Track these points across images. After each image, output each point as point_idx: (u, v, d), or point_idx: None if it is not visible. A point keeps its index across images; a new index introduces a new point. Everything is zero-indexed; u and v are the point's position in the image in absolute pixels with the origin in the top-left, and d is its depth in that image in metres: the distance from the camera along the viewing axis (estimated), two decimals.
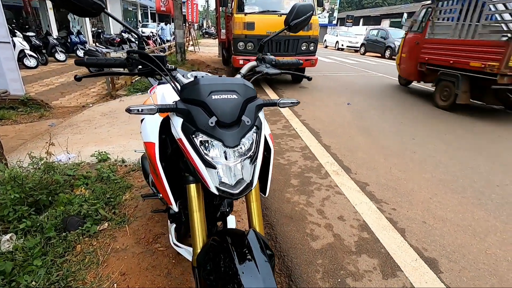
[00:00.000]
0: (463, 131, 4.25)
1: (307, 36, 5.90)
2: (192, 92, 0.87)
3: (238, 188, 0.86)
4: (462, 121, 4.72)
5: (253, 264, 0.82)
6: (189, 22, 15.42)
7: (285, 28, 1.18)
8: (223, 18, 8.18)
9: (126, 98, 5.87)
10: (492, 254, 1.83)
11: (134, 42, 11.09)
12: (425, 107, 5.64)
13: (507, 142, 3.86)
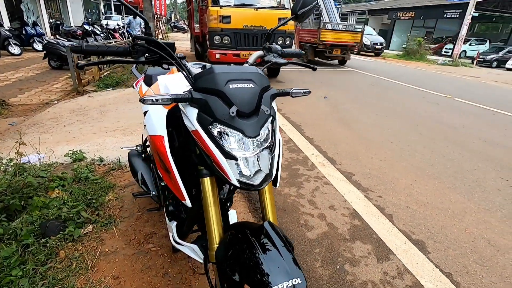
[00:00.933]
0: (433, 123, 4.54)
1: (283, 31, 5.93)
2: (208, 81, 0.83)
3: (258, 179, 0.84)
4: (428, 114, 5.04)
5: (277, 253, 0.81)
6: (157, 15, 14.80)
7: (292, 17, 1.16)
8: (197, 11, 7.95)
9: (95, 94, 5.52)
10: (470, 233, 1.98)
11: (100, 34, 10.43)
12: (395, 99, 5.95)
13: (471, 130, 4.20)
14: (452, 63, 15.15)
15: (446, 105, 5.79)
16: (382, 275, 1.60)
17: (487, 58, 18.03)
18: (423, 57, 16.79)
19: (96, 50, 0.90)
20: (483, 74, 12.42)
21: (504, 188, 2.62)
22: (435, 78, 10.02)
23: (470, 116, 5.03)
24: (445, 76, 10.82)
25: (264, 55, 1.15)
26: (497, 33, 26.45)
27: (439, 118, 4.78)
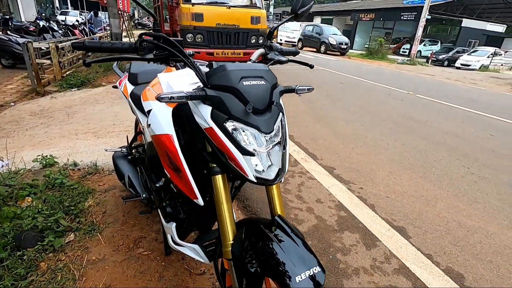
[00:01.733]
0: (400, 117, 4.85)
1: (256, 30, 5.97)
2: (222, 79, 0.82)
3: (272, 174, 0.85)
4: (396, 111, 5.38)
5: (293, 244, 0.83)
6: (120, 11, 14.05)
7: (292, 16, 1.18)
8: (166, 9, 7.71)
9: (58, 95, 5.14)
10: (443, 218, 2.17)
11: (58, 30, 9.69)
12: (364, 96, 6.26)
13: (433, 124, 4.55)
14: (410, 62, 16.26)
15: (410, 101, 6.22)
16: (372, 261, 1.70)
17: (440, 58, 19.64)
18: (384, 57, 17.82)
19: (99, 46, 0.85)
20: (438, 72, 13.50)
21: (467, 175, 2.89)
22: (397, 76, 10.70)
23: (431, 111, 5.45)
24: (405, 74, 11.59)
25: (266, 53, 1.16)
26: (446, 34, 28.86)
27: (405, 113, 5.13)
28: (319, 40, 17.86)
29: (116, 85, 1.96)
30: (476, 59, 17.95)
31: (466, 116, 5.30)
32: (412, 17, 21.94)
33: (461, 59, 18.30)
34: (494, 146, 3.79)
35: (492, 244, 1.92)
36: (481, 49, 19.52)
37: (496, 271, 1.70)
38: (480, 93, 8.52)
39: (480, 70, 17.30)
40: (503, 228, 2.10)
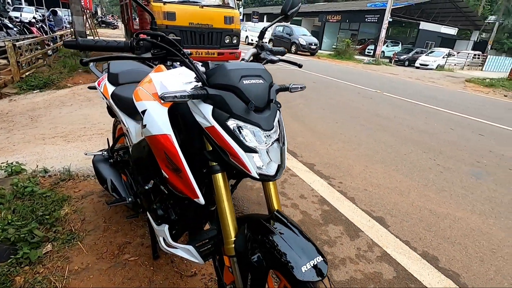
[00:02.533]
0: (371, 115, 5.11)
1: (230, 29, 5.95)
2: (223, 78, 0.83)
3: (273, 170, 0.88)
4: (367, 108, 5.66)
5: (295, 236, 0.87)
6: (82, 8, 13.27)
7: (282, 17, 1.21)
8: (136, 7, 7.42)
9: (18, 97, 4.77)
10: (416, 206, 2.33)
11: (13, 28, 8.94)
12: (336, 95, 6.51)
13: (400, 120, 4.85)
14: (375, 62, 17.12)
15: (378, 99, 6.57)
16: (356, 250, 1.79)
17: (401, 58, 20.90)
18: (351, 57, 18.59)
19: (93, 45, 0.82)
20: (400, 72, 14.36)
21: (434, 166, 3.12)
22: (365, 75, 11.22)
23: (397, 108, 5.80)
24: (372, 73, 12.19)
25: (258, 52, 1.18)
26: (406, 36, 30.79)
27: (374, 110, 5.41)
28: (290, 41, 18.20)
29: (93, 85, 1.87)
30: (433, 60, 19.34)
31: (429, 112, 5.71)
32: (375, 20, 23.12)
33: (420, 60, 19.62)
34: (454, 139, 4.13)
35: (460, 228, 2.10)
36: (437, 50, 21.07)
37: (464, 252, 1.87)
38: (438, 91, 9.20)
39: (437, 69, 18.65)
40: (468, 213, 2.30)
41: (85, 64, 0.82)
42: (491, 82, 11.36)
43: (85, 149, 2.86)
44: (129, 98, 1.47)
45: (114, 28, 29.18)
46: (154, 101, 0.97)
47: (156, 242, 1.62)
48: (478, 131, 4.65)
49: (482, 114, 6.04)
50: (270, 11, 36.89)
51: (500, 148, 3.93)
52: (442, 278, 1.64)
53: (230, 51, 6.06)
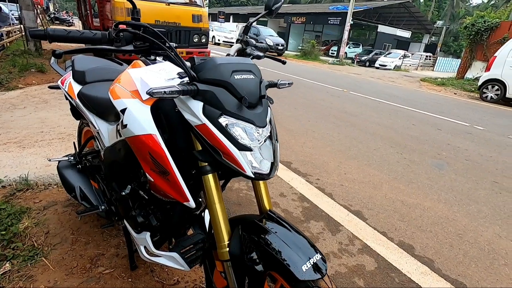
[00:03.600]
0: (340, 112, 5.29)
1: (198, 28, 5.82)
2: (213, 72, 0.78)
3: (267, 169, 0.85)
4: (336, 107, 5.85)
5: (292, 235, 0.85)
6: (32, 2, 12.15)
7: (266, 12, 1.18)
8: (95, 2, 6.96)
9: None
10: (389, 198, 2.44)
11: None
12: (306, 94, 6.65)
13: (367, 117, 5.08)
14: (340, 63, 17.85)
15: (345, 97, 6.83)
16: (339, 245, 1.82)
17: (362, 59, 22.03)
18: (317, 58, 19.19)
19: (66, 35, 0.73)
20: (363, 72, 15.10)
21: (401, 160, 3.30)
22: (331, 75, 11.63)
23: (363, 106, 6.07)
24: (337, 73, 12.68)
25: (244, 48, 1.14)
26: (365, 38, 32.54)
27: (343, 108, 5.61)
28: (257, 41, 18.26)
29: (54, 85, 1.70)
30: (390, 60, 20.63)
31: (392, 110, 6.06)
32: (337, 22, 24.11)
33: (379, 60, 20.82)
34: (416, 134, 4.42)
35: (429, 217, 2.24)
36: (394, 52, 22.52)
37: (436, 239, 1.99)
38: (398, 89, 9.82)
39: (394, 69, 19.92)
40: (434, 202, 2.46)
41: (58, 56, 0.72)
42: (442, 81, 12.38)
43: (44, 155, 2.60)
44: (100, 97, 1.36)
45: (69, 25, 27.18)
46: (134, 99, 0.89)
47: (134, 251, 1.51)
48: (436, 126, 5.02)
49: (438, 110, 6.54)
50: (236, 11, 36.87)
51: (455, 141, 4.28)
52: (419, 265, 1.73)
53: (199, 50, 5.92)
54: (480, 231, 2.13)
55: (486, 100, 8.92)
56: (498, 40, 11.80)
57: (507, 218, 2.34)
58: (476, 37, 12.56)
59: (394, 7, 26.78)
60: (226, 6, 45.11)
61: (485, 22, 12.30)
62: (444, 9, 38.85)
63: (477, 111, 7.20)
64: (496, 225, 2.23)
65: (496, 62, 8.56)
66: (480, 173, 3.17)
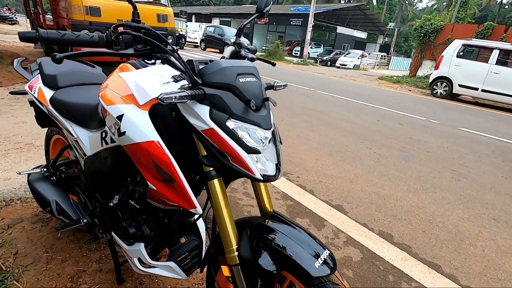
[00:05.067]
0: (311, 111, 5.45)
1: (164, 28, 5.63)
2: (219, 76, 0.77)
3: (272, 171, 0.85)
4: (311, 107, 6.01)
5: (300, 234, 0.86)
6: None
7: (257, 15, 1.18)
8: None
9: None
10: (365, 191, 2.57)
11: None
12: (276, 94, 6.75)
13: (337, 115, 5.30)
14: (304, 63, 18.37)
15: (314, 96, 7.06)
16: (325, 239, 1.88)
17: (324, 59, 22.90)
18: (281, 58, 19.57)
19: (60, 38, 0.68)
20: (326, 71, 15.71)
21: (371, 154, 3.50)
22: (297, 75, 11.93)
23: (332, 104, 6.33)
24: (302, 73, 13.04)
25: (237, 50, 1.13)
26: (325, 39, 33.90)
27: (313, 107, 5.80)
28: (222, 41, 18.20)
29: (19, 90, 1.54)
30: (350, 60, 21.71)
31: (358, 107, 6.39)
32: (299, 23, 24.81)
33: (339, 60, 21.80)
34: (382, 129, 4.71)
35: (402, 206, 2.40)
36: (353, 52, 23.73)
37: (410, 226, 2.14)
38: (360, 87, 10.37)
39: (354, 69, 21.00)
40: (405, 192, 2.65)
41: (59, 60, 0.66)
42: (398, 79, 13.32)
43: (1, 168, 2.35)
44: (77, 103, 1.27)
45: (12, 23, 24.75)
46: (130, 105, 0.84)
47: (120, 264, 1.43)
48: (398, 121, 5.40)
49: (397, 106, 7.02)
50: (198, 11, 36.23)
51: (416, 134, 4.63)
52: (399, 251, 1.85)
53: None
54: (447, 216, 2.33)
55: (436, 96, 9.77)
56: (443, 41, 13.02)
57: (467, 202, 2.60)
58: (424, 38, 13.71)
59: (351, 10, 28.25)
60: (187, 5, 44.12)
61: (431, 25, 13.48)
62: (395, 12, 41.83)
63: (430, 106, 7.87)
64: (459, 209, 2.46)
65: (443, 61, 9.41)
66: (440, 163, 3.47)
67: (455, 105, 8.69)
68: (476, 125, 5.88)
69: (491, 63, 8.53)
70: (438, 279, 1.66)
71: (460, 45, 9.14)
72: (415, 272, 1.69)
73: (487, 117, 7.16)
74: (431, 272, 1.71)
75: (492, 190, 2.89)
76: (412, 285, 1.60)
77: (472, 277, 1.71)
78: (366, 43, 33.60)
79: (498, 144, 4.63)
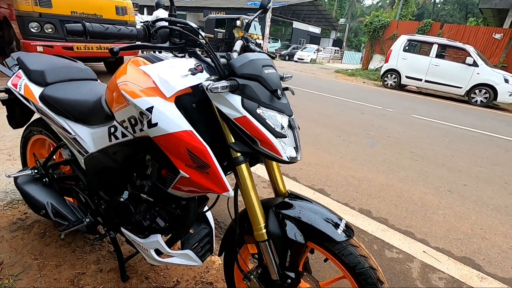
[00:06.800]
0: None
1: (124, 21, 5.33)
2: (248, 68, 0.84)
3: (294, 153, 0.94)
4: None
5: (318, 208, 0.97)
6: None
7: (261, 11, 1.23)
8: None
9: None
10: (342, 175, 2.79)
11: None
12: None
13: (305, 107, 5.54)
14: None
15: None
16: None
17: (282, 53, 23.45)
18: None
19: (104, 32, 0.68)
20: (286, 65, 16.13)
21: (342, 142, 3.77)
22: None
23: (298, 97, 6.56)
24: None
25: (246, 44, 1.18)
26: (282, 34, 34.62)
27: None
28: None
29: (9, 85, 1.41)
30: (307, 54, 22.52)
31: (322, 98, 6.73)
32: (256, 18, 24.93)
33: (297, 54, 22.51)
34: (348, 118, 5.06)
35: (375, 186, 2.66)
36: (309, 46, 24.64)
37: (384, 202, 2.39)
38: (321, 80, 10.87)
39: (311, 63, 21.84)
40: (375, 173, 2.93)
41: (115, 53, 0.67)
42: (353, 72, 14.20)
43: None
44: (74, 99, 1.23)
45: None
46: (156, 97, 0.87)
47: (124, 262, 1.42)
48: (360, 111, 5.82)
49: (356, 97, 7.54)
50: (150, 3, 34.43)
51: (377, 122, 5.06)
52: (378, 224, 2.07)
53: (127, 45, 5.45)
54: (412, 191, 2.64)
55: (387, 87, 10.65)
56: (390, 36, 14.15)
57: (426, 179, 2.95)
58: (374, 33, 14.77)
59: (305, 5, 29.13)
60: None
61: (379, 21, 14.55)
62: (346, 9, 44.15)
63: (383, 96, 8.57)
64: (421, 185, 2.79)
65: (392, 55, 10.27)
66: (400, 146, 3.86)
67: (404, 94, 9.56)
68: (424, 112, 6.58)
69: (431, 56, 9.52)
70: (413, 244, 1.91)
71: (405, 40, 10.04)
72: (394, 240, 1.91)
73: (431, 104, 8.02)
74: (407, 239, 1.95)
75: (444, 167, 3.32)
76: (393, 251, 1.82)
77: (439, 239, 1.99)
78: (320, 38, 35.05)
79: (443, 128, 5.25)
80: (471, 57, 8.67)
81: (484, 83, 8.55)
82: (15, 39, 4.78)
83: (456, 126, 5.46)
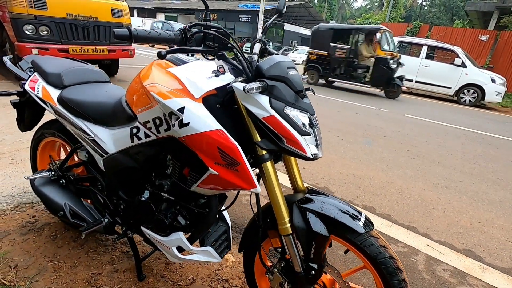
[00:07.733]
0: None
1: (120, 24, 5.31)
2: (276, 70, 0.88)
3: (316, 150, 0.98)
4: None
5: (339, 203, 1.02)
6: None
7: (277, 15, 1.27)
8: None
9: None
10: (343, 174, 2.86)
11: None
12: None
13: None
14: None
15: None
16: None
17: None
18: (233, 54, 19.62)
19: (147, 36, 0.73)
20: None
21: (340, 141, 3.84)
22: None
23: None
24: None
25: (264, 47, 1.22)
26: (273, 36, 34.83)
27: None
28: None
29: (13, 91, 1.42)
30: (299, 56, 22.70)
31: (317, 99, 6.81)
32: (248, 19, 25.10)
33: (289, 56, 22.68)
34: (343, 118, 5.15)
35: (375, 183, 2.74)
36: (300, 48, 24.85)
37: (386, 199, 2.46)
38: None
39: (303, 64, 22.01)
40: (375, 171, 3.00)
41: (163, 56, 0.71)
42: None
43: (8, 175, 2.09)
44: (93, 101, 1.25)
45: None
46: (186, 98, 0.91)
47: (140, 261, 1.44)
48: (355, 111, 5.93)
49: (350, 98, 7.67)
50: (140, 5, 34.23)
51: (372, 122, 5.17)
52: (382, 220, 2.14)
53: (122, 47, 5.42)
54: (411, 188, 2.73)
55: None
56: None
57: (423, 176, 3.05)
58: None
59: (296, 7, 29.46)
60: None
61: (370, 23, 14.83)
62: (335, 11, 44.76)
63: (376, 96, 8.73)
64: (419, 182, 2.88)
65: None
66: (396, 145, 3.96)
67: None
68: (416, 111, 6.74)
69: (421, 57, 9.77)
70: (417, 238, 1.98)
71: (397, 42, 10.26)
72: (399, 235, 1.98)
73: (423, 104, 8.23)
74: (411, 233, 2.02)
75: (440, 164, 3.43)
76: (399, 245, 1.88)
77: (440, 233, 2.07)
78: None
79: (436, 126, 5.41)
80: (460, 58, 8.93)
81: (472, 83, 8.82)
82: (8, 41, 4.70)
83: (448, 125, 5.63)
